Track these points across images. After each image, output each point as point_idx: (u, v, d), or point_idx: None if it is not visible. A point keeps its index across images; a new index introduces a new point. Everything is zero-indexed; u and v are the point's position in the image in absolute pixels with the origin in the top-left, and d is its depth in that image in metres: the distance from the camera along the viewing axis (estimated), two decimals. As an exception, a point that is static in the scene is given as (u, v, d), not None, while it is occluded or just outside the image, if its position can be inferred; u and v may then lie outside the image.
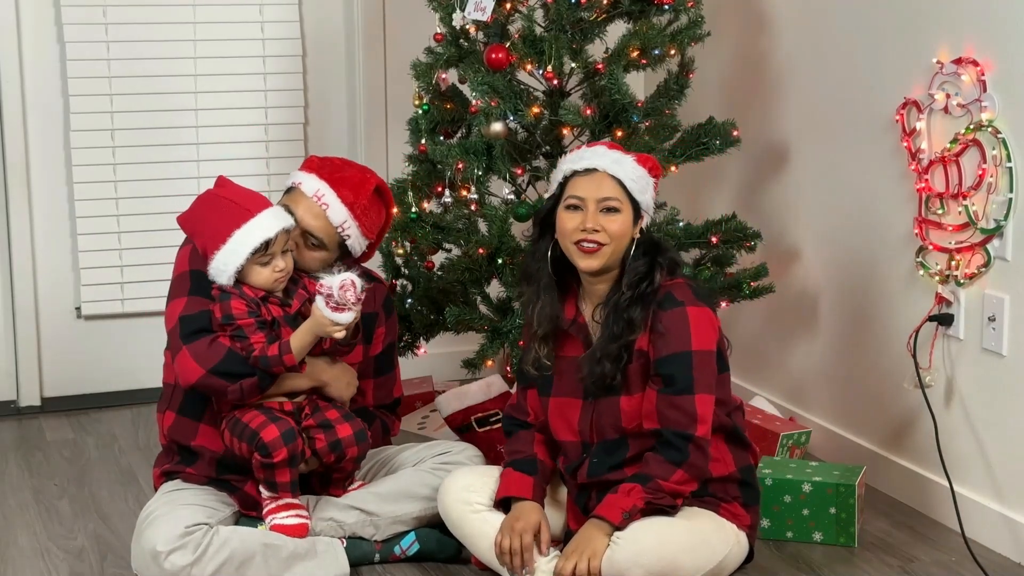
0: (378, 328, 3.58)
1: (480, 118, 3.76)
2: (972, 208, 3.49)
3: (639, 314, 3.17)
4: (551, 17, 3.80)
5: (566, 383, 3.28)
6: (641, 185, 3.21)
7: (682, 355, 3.14)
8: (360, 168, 3.51)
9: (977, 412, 3.59)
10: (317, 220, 3.38)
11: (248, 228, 3.24)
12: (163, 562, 3.17)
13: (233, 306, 3.25)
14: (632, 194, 3.20)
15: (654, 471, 3.12)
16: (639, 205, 3.21)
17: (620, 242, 3.20)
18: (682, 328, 3.15)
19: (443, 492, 3.33)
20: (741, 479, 3.25)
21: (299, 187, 3.41)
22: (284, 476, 3.28)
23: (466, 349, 4.18)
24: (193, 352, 3.26)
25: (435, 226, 4.00)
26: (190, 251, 3.37)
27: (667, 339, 3.15)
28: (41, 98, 4.52)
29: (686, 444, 3.11)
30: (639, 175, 3.21)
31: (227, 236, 3.24)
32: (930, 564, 3.47)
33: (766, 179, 4.35)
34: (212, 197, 3.31)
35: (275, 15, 4.70)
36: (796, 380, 4.30)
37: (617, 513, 3.11)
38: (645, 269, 3.20)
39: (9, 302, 4.55)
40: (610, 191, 3.20)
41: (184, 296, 3.34)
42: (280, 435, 3.25)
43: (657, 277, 3.19)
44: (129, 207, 4.60)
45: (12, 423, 4.53)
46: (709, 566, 3.15)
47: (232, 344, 3.25)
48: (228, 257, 3.24)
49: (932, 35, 3.61)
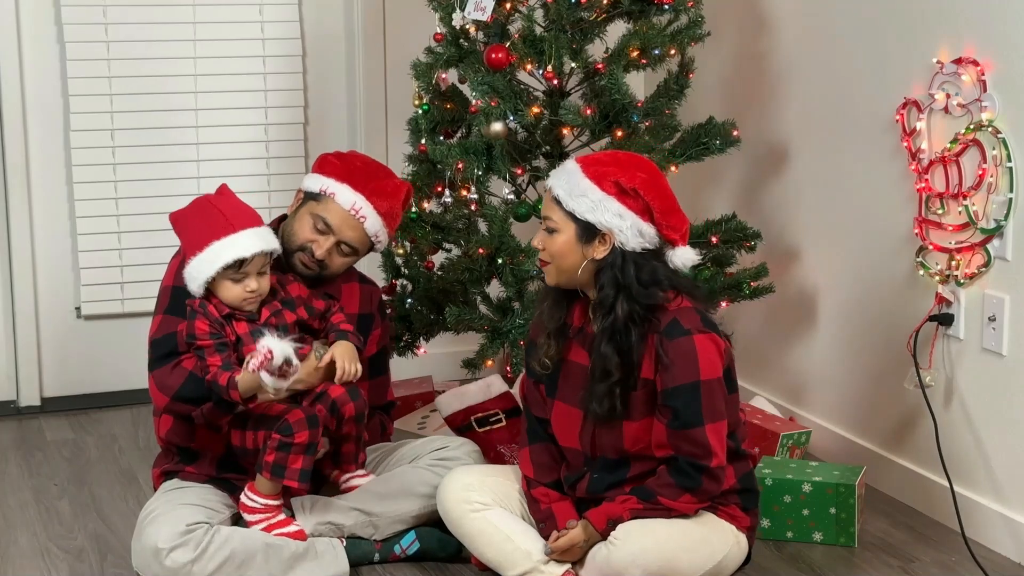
0: (374, 330, 3.59)
1: (480, 118, 3.76)
2: (972, 208, 3.49)
3: (612, 353, 3.09)
4: (551, 17, 3.80)
5: (570, 390, 3.24)
6: (585, 205, 3.07)
7: (690, 387, 3.06)
8: (386, 172, 3.53)
9: (977, 412, 3.59)
10: (354, 231, 3.43)
11: (226, 242, 3.21)
12: (164, 559, 3.17)
13: (197, 326, 3.23)
14: (573, 214, 3.09)
15: (661, 491, 3.10)
16: (590, 224, 3.08)
17: (561, 261, 3.12)
18: (689, 358, 3.06)
19: (442, 492, 3.32)
20: (741, 488, 3.25)
21: (333, 198, 3.41)
22: (297, 462, 3.22)
23: (466, 349, 4.18)
24: (157, 379, 3.30)
25: (435, 226, 4.00)
26: (178, 264, 3.37)
27: (674, 370, 3.07)
28: (41, 98, 4.52)
29: (699, 474, 3.08)
30: (583, 193, 3.07)
31: (205, 245, 3.23)
32: (930, 564, 3.47)
33: (766, 179, 4.35)
34: (204, 203, 3.30)
35: (275, 15, 4.70)
36: (796, 380, 4.30)
37: (603, 520, 3.12)
38: (610, 303, 3.09)
39: (9, 302, 4.55)
40: (547, 211, 3.14)
41: (160, 314, 3.36)
42: (305, 418, 3.22)
43: (619, 311, 3.07)
44: (129, 207, 4.60)
45: (12, 423, 4.53)
46: (708, 566, 3.14)
47: (196, 364, 3.25)
48: (201, 266, 3.22)
49: (932, 35, 3.61)
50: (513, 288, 3.82)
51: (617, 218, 3.06)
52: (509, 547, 3.23)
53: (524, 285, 3.83)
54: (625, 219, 3.07)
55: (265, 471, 3.25)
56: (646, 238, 3.09)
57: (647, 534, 3.08)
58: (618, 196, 3.07)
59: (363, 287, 3.64)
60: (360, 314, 3.57)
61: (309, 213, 3.42)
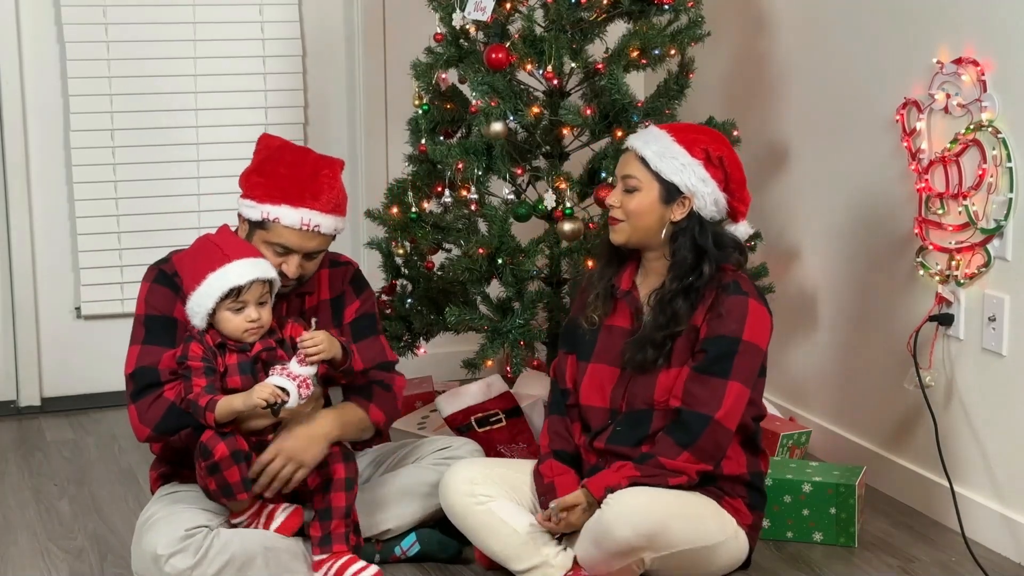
0: (348, 306, 3.50)
1: (480, 118, 3.76)
2: (972, 208, 3.49)
3: (684, 308, 3.19)
4: (551, 17, 3.80)
5: (609, 351, 3.30)
6: (673, 167, 3.18)
7: (731, 340, 3.15)
8: (311, 163, 3.34)
9: (977, 412, 3.59)
10: (314, 240, 3.31)
11: (220, 273, 3.20)
12: (164, 565, 3.16)
13: (192, 348, 3.22)
14: (660, 174, 3.20)
15: (658, 450, 3.14)
16: (674, 186, 3.19)
17: (639, 220, 3.22)
18: (740, 315, 3.16)
19: (445, 486, 3.31)
20: (750, 482, 3.25)
21: (279, 222, 3.28)
22: (234, 475, 3.18)
23: (466, 349, 4.17)
24: (138, 411, 3.28)
25: (435, 226, 4.00)
26: (146, 291, 3.36)
27: (723, 320, 3.16)
28: (41, 98, 4.52)
29: (702, 426, 3.11)
30: (674, 156, 3.19)
31: (202, 278, 3.21)
32: (930, 564, 3.47)
33: (766, 179, 4.35)
34: (203, 241, 3.29)
35: (275, 15, 4.70)
36: (796, 380, 4.30)
37: (600, 488, 3.13)
38: (692, 261, 3.20)
39: (9, 302, 4.55)
40: (630, 169, 3.24)
41: (137, 345, 3.33)
42: (218, 435, 3.17)
43: (706, 270, 3.19)
44: (129, 207, 4.60)
45: (12, 423, 4.53)
46: (698, 543, 3.12)
47: (181, 386, 3.22)
48: (200, 299, 3.21)
49: (932, 35, 3.61)
50: (513, 288, 3.81)
51: (701, 183, 3.20)
52: (516, 541, 3.21)
53: (524, 285, 3.83)
54: (708, 185, 3.21)
55: (218, 499, 3.24)
56: (719, 207, 3.24)
57: (638, 494, 3.10)
58: (705, 163, 3.21)
59: (333, 271, 3.52)
60: (332, 299, 3.51)
61: (263, 242, 3.31)
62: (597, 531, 3.09)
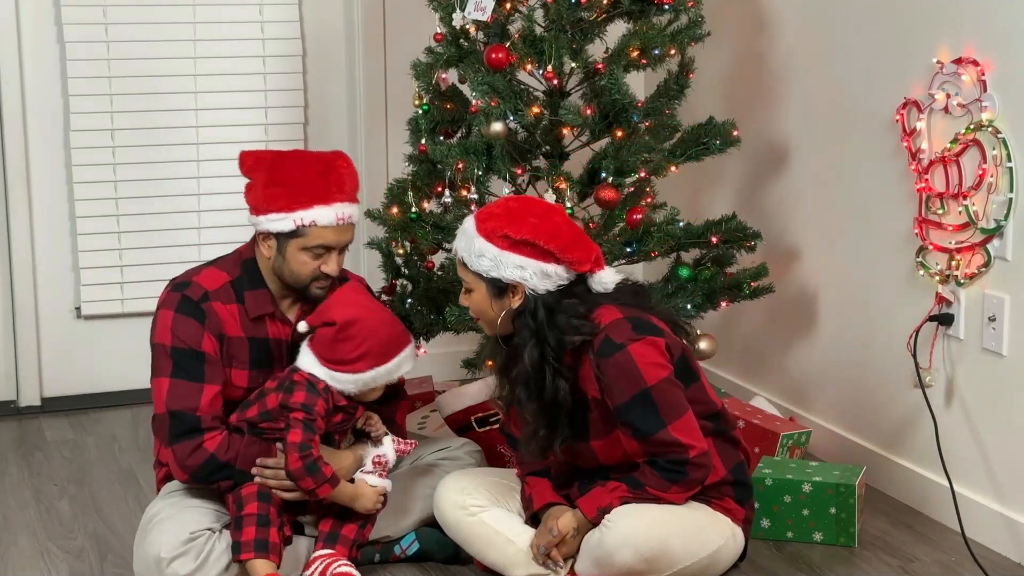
0: None
1: (480, 118, 3.75)
2: (972, 208, 3.49)
3: (527, 400, 3.13)
4: (551, 17, 3.79)
5: None
6: (485, 265, 3.12)
7: (639, 398, 3.06)
8: (322, 160, 3.35)
9: (977, 412, 3.59)
10: (350, 232, 3.34)
11: (393, 364, 3.29)
12: (165, 569, 3.15)
13: (320, 405, 3.22)
14: (480, 275, 3.14)
15: (649, 481, 3.11)
16: (498, 280, 3.12)
17: (483, 316, 3.20)
18: (628, 370, 3.06)
19: (438, 498, 3.32)
20: (733, 480, 3.25)
21: (315, 224, 3.26)
22: (249, 534, 3.18)
23: (466, 349, 4.17)
24: (177, 456, 3.23)
25: (435, 226, 3.99)
26: (171, 321, 3.28)
27: (618, 387, 3.07)
28: (41, 98, 4.52)
29: (682, 467, 3.09)
30: (481, 254, 3.11)
31: (370, 367, 3.25)
32: (930, 564, 3.47)
33: (766, 179, 4.35)
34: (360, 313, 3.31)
35: (275, 15, 4.70)
36: (796, 380, 4.30)
37: (593, 509, 3.12)
38: (533, 343, 3.10)
39: (9, 302, 4.55)
40: (461, 272, 3.21)
41: (166, 377, 3.26)
42: (256, 491, 3.22)
43: (526, 358, 3.09)
44: (129, 207, 4.61)
45: (12, 423, 4.53)
46: (702, 554, 3.13)
47: (289, 422, 3.20)
48: (360, 379, 3.25)
49: (932, 35, 3.61)
50: (513, 288, 3.81)
51: (519, 269, 3.10)
52: (511, 549, 3.23)
53: (524, 285, 3.83)
54: (527, 268, 3.10)
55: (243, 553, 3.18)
56: (555, 278, 3.12)
57: (641, 515, 3.08)
58: (512, 249, 3.10)
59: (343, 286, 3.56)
60: None
61: (300, 249, 3.28)
62: (599, 554, 3.09)
